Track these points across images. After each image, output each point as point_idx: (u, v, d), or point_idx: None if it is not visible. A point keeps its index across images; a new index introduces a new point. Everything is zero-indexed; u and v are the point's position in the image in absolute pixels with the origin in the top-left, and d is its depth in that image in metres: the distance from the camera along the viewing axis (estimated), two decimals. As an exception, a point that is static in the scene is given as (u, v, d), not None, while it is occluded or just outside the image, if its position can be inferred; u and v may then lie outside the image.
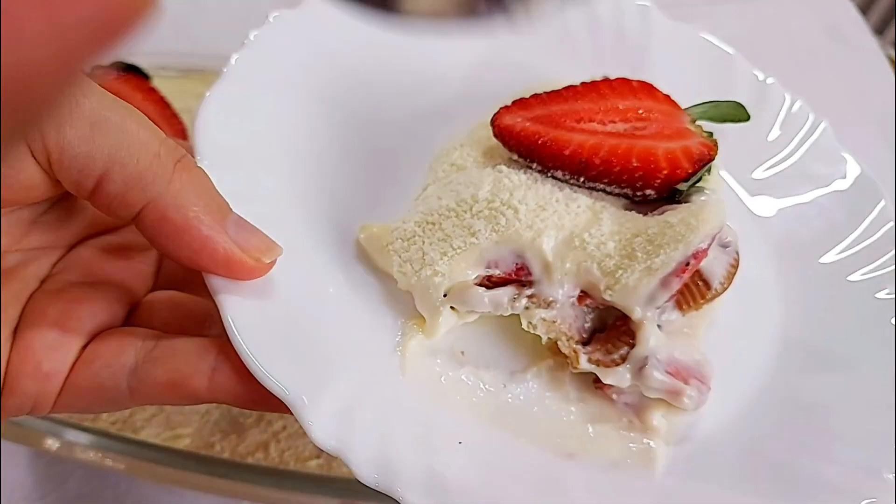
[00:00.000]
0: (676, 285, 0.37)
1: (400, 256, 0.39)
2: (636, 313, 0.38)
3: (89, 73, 0.66)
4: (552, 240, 0.37)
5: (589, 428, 0.38)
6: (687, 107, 0.44)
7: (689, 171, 0.39)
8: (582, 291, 0.39)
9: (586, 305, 0.39)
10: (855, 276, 0.48)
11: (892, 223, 0.48)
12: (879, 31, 1.50)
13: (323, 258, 0.40)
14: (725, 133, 0.52)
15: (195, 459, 0.52)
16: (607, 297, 0.38)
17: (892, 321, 0.44)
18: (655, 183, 0.39)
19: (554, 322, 0.38)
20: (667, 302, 0.38)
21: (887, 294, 0.46)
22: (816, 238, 0.50)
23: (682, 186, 0.39)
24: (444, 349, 0.39)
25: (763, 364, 0.44)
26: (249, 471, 0.52)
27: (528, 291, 0.38)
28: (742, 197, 0.52)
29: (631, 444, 0.38)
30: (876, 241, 0.48)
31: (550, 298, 0.38)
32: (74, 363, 0.33)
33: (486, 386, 0.38)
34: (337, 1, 0.19)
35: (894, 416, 0.40)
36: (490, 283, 0.38)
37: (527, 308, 0.38)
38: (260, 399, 0.33)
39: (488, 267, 0.38)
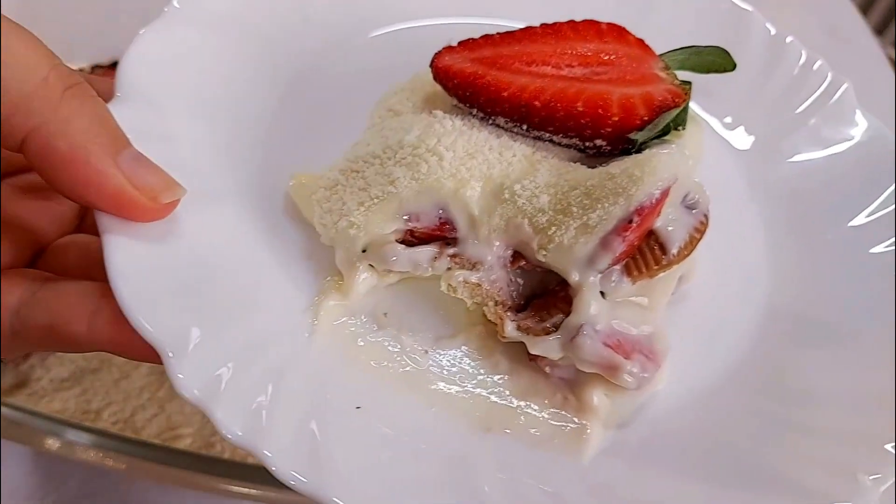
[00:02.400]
0: (620, 246, 0.33)
1: (321, 207, 0.36)
2: (573, 276, 0.34)
3: (89, 73, 0.67)
4: (477, 191, 0.34)
5: (515, 402, 0.34)
6: (664, 53, 0.39)
7: (646, 118, 0.34)
8: (515, 252, 0.35)
9: (520, 268, 0.35)
10: (878, 248, 0.42)
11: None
12: (879, 31, 1.50)
13: (246, 208, 0.37)
14: (729, 89, 0.47)
15: (195, 459, 0.51)
16: (541, 258, 0.34)
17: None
18: (605, 131, 0.35)
19: (479, 285, 0.34)
20: (611, 266, 0.34)
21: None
22: (830, 204, 0.44)
23: (636, 136, 0.34)
24: (365, 310, 0.36)
25: (742, 340, 0.38)
26: (249, 471, 0.51)
27: (451, 250, 0.34)
28: (742, 154, 0.47)
29: (561, 423, 0.34)
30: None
31: (476, 259, 0.34)
32: None
33: (406, 351, 0.35)
34: None
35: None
36: (414, 239, 0.35)
37: (448, 269, 0.34)
38: (137, 347, 0.30)
39: (409, 220, 0.34)
